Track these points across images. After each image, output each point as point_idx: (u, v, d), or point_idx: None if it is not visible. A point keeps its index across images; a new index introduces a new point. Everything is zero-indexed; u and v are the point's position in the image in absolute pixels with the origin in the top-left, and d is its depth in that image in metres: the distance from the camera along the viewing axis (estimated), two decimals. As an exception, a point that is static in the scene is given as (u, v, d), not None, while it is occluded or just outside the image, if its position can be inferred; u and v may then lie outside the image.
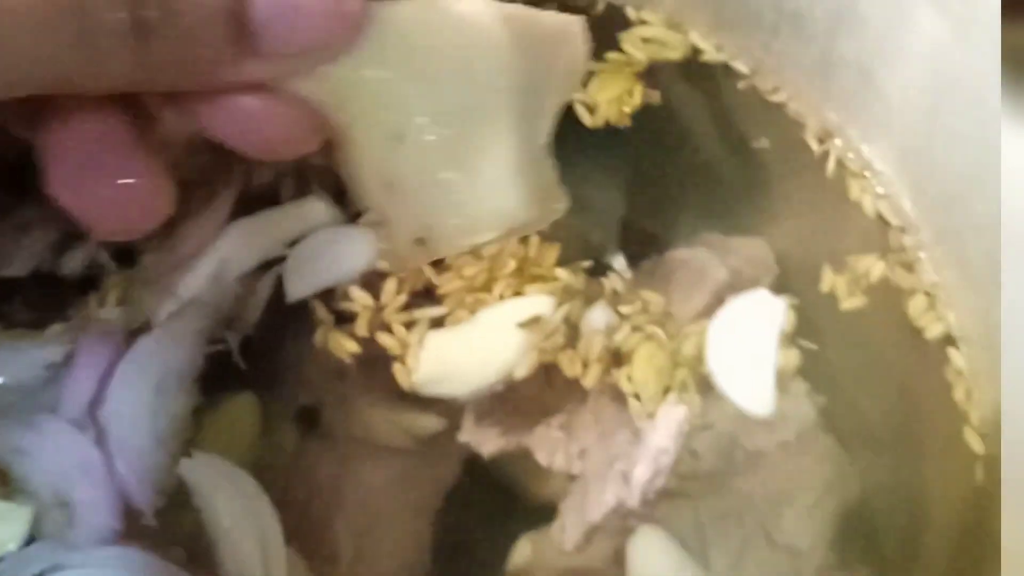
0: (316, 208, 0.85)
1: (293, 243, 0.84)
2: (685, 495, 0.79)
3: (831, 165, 0.95)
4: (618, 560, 0.78)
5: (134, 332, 0.78)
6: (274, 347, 0.82)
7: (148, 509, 0.73)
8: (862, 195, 0.94)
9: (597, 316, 0.82)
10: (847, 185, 0.94)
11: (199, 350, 0.78)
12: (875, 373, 0.89)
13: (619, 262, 0.85)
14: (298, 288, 0.82)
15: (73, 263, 0.82)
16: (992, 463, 0.82)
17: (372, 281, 0.82)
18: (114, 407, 0.74)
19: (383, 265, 0.81)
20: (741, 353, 0.83)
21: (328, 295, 0.82)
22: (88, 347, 0.77)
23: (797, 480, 0.82)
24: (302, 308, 0.82)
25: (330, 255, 0.83)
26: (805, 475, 0.82)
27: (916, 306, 0.89)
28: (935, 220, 0.90)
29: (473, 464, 0.81)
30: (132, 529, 0.71)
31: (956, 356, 0.87)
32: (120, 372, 0.75)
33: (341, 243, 0.84)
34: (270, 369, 0.82)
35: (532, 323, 0.78)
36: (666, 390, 0.80)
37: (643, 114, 0.95)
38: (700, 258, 0.89)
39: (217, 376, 0.78)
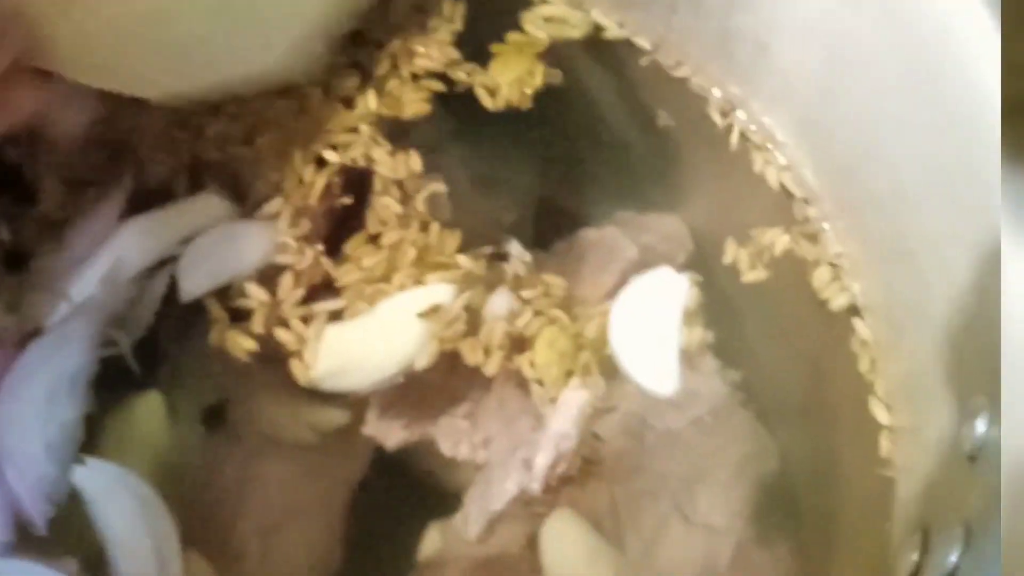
0: (211, 203, 0.83)
1: (188, 240, 0.81)
2: (596, 477, 0.79)
3: (735, 138, 0.94)
4: (531, 546, 0.76)
5: (24, 338, 0.76)
6: (172, 347, 0.80)
7: (40, 520, 0.71)
8: (766, 167, 0.93)
9: (499, 302, 0.80)
10: (751, 158, 0.94)
11: (91, 354, 0.76)
12: (786, 346, 0.89)
13: (516, 248, 0.84)
14: (193, 286, 0.80)
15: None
16: (897, 432, 0.82)
17: (269, 276, 0.80)
18: (3, 417, 0.72)
19: (281, 259, 0.80)
20: (644, 332, 0.82)
21: (223, 292, 0.80)
22: None
23: (712, 457, 0.81)
24: (199, 306, 0.80)
25: (225, 251, 0.81)
26: (720, 452, 0.81)
27: (820, 277, 0.89)
28: (836, 191, 0.90)
29: (381, 457, 0.80)
30: (24, 541, 0.70)
31: (861, 327, 0.87)
32: (9, 381, 0.73)
33: (237, 239, 0.82)
34: (170, 369, 0.80)
35: (432, 312, 0.77)
36: (569, 374, 0.79)
37: (546, 95, 0.93)
38: (610, 237, 0.88)
39: (115, 379, 0.76)
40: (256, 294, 0.79)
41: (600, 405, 0.79)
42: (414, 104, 0.90)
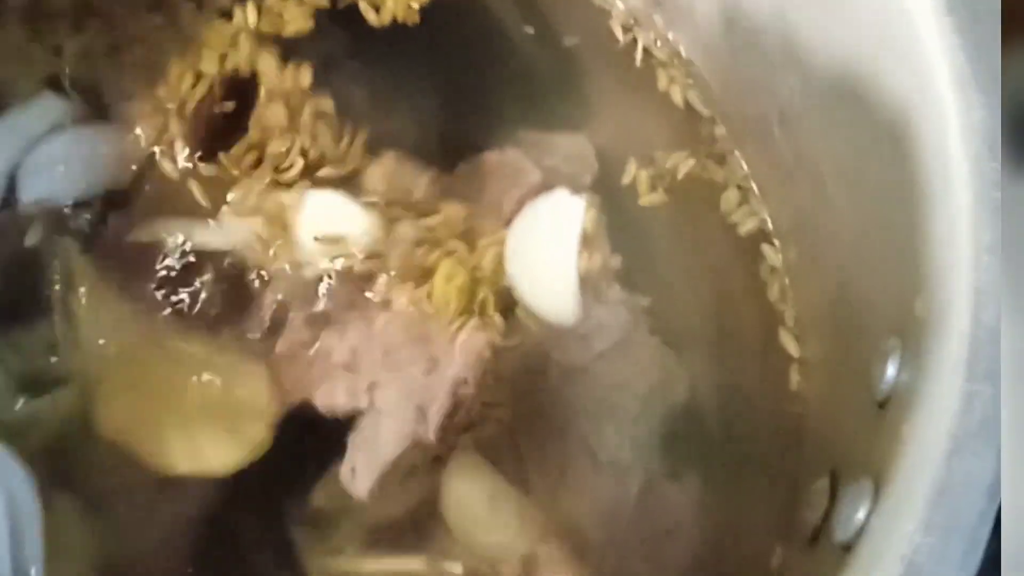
0: (51, 105, 0.78)
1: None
2: (497, 419, 0.74)
3: (639, 55, 0.89)
4: (432, 498, 0.72)
5: None
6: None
7: None
8: (671, 85, 0.88)
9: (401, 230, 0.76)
10: (656, 76, 0.89)
11: None
12: (694, 272, 0.84)
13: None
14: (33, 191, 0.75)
15: None
16: (807, 366, 0.79)
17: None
18: None
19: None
20: (541, 260, 0.77)
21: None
22: None
23: (619, 390, 0.77)
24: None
25: (75, 156, 0.77)
26: (627, 384, 0.78)
27: (728, 200, 0.85)
28: (743, 109, 0.85)
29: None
30: None
31: (770, 252, 0.84)
32: None
33: (91, 144, 0.77)
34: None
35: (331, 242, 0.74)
36: (467, 310, 0.74)
37: (436, 9, 0.87)
38: (513, 159, 0.83)
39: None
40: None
41: (499, 344, 0.73)
42: (297, 21, 0.84)
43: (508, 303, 0.76)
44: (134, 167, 0.77)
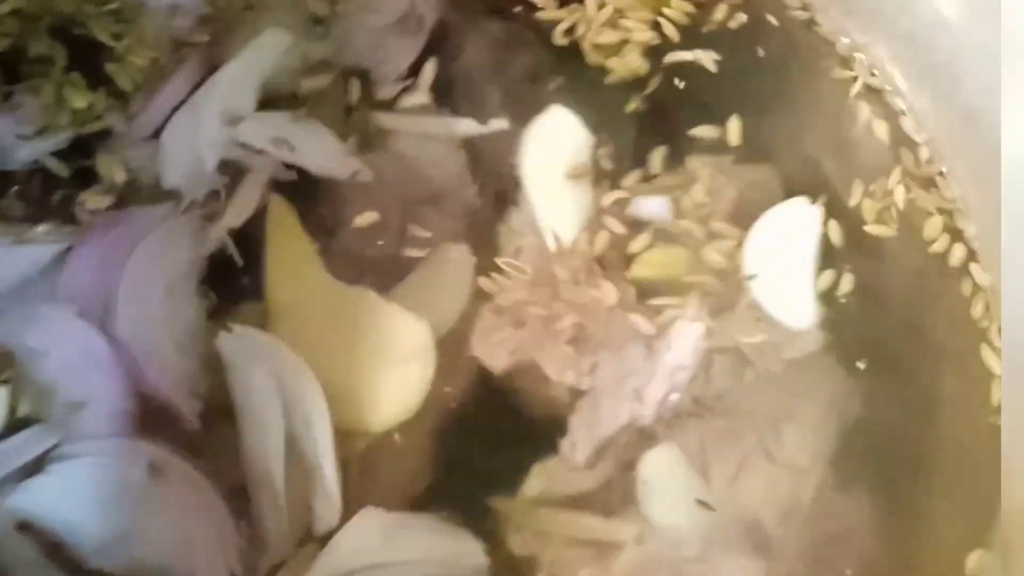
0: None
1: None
2: (695, 415, 0.78)
3: (856, 85, 0.91)
4: (626, 477, 0.76)
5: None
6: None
7: (191, 415, 0.73)
8: (880, 112, 0.91)
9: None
10: (865, 102, 0.91)
11: (199, 251, 0.78)
12: (889, 290, 0.86)
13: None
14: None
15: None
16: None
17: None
18: (128, 318, 0.74)
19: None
20: (779, 265, 0.81)
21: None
22: (88, 239, 0.77)
23: (801, 398, 0.80)
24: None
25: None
26: (809, 393, 0.80)
27: (934, 224, 0.86)
28: (955, 136, 0.87)
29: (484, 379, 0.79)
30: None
31: (976, 271, 0.85)
32: (125, 283, 0.75)
33: None
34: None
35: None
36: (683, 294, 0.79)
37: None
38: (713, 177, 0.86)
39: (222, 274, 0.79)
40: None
41: (712, 343, 0.78)
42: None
43: (723, 303, 0.80)
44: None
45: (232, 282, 0.79)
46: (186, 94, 0.84)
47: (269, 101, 0.84)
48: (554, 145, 0.85)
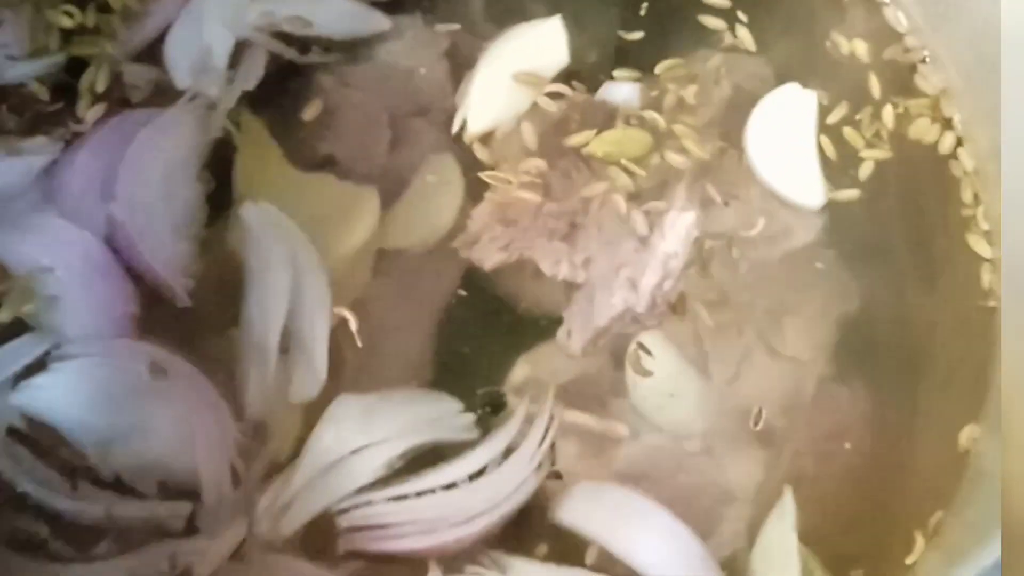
0: None
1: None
2: (692, 311, 0.78)
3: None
4: (617, 366, 0.76)
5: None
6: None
7: (181, 292, 0.74)
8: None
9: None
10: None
11: (200, 137, 0.78)
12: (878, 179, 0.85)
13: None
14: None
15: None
16: (998, 265, 0.80)
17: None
18: (126, 198, 0.74)
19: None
20: (782, 146, 0.82)
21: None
22: (86, 140, 0.77)
23: (799, 293, 0.80)
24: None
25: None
26: (807, 288, 0.80)
27: (919, 106, 0.86)
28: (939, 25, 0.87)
29: (474, 276, 0.79)
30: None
31: (963, 156, 0.85)
32: (125, 166, 0.75)
33: None
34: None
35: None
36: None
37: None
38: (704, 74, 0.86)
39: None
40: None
41: (703, 230, 0.78)
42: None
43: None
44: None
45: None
46: (175, 11, 0.83)
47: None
48: (537, 52, 0.85)
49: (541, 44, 0.85)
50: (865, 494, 0.76)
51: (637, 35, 0.88)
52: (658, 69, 0.86)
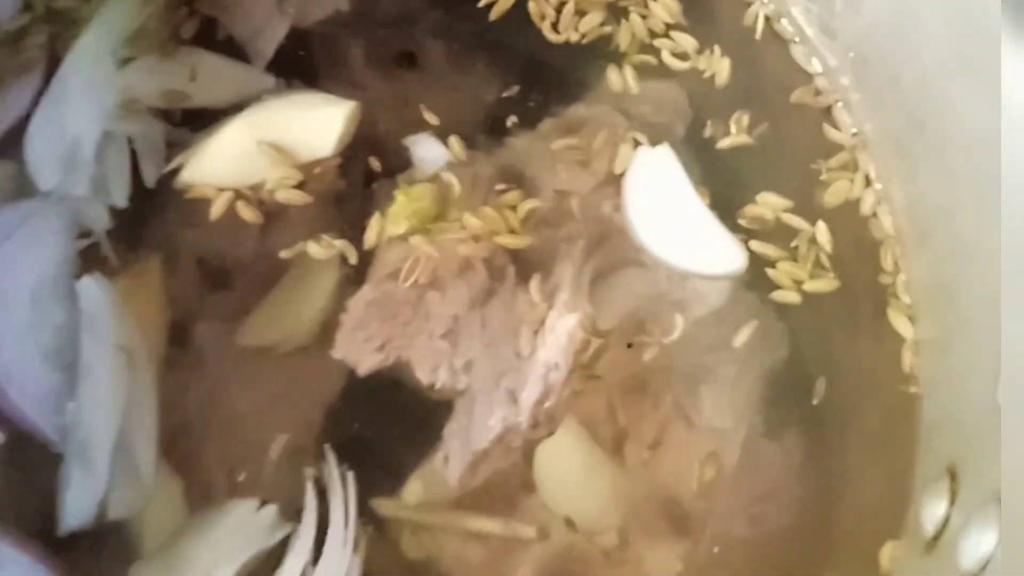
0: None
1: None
2: (594, 384, 0.71)
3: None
4: (526, 460, 0.69)
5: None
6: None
7: (53, 434, 0.65)
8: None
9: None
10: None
11: (68, 248, 0.69)
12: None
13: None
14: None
15: None
16: (921, 349, 0.73)
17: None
18: None
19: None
20: (669, 216, 0.75)
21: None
22: None
23: (717, 353, 0.74)
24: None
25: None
26: (726, 345, 0.74)
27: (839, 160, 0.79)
28: (858, 74, 0.80)
29: (354, 382, 0.71)
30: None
31: (884, 217, 0.78)
32: None
33: None
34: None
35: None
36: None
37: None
38: (602, 116, 0.79)
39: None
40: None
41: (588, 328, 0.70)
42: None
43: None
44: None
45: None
46: (30, 101, 0.74)
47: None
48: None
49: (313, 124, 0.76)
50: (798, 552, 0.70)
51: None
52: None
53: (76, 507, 0.64)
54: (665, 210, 0.75)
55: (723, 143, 0.80)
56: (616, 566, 0.69)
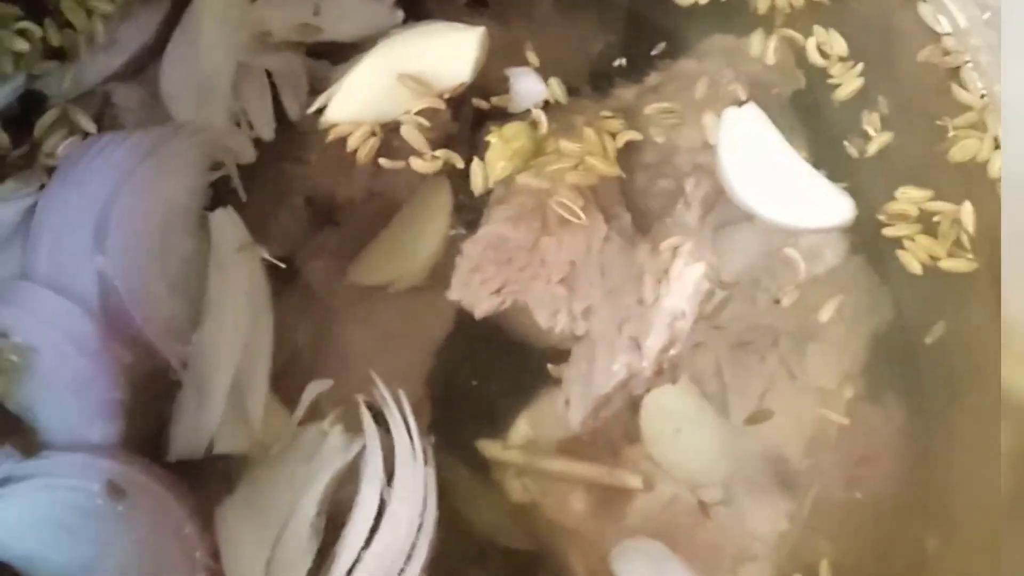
0: None
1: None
2: (703, 338, 0.70)
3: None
4: (632, 409, 0.68)
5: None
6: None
7: (176, 363, 0.64)
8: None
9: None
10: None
11: (200, 180, 0.68)
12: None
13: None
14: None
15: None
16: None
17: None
18: (117, 251, 0.63)
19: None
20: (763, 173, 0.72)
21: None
22: (55, 198, 0.65)
23: (825, 312, 0.71)
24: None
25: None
26: (833, 307, 0.71)
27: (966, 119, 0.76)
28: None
29: (467, 323, 0.70)
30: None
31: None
32: (118, 211, 0.63)
33: None
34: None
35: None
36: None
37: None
38: (711, 71, 0.77)
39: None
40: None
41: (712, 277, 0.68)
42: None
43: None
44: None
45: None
46: (157, 27, 0.73)
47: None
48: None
49: (447, 52, 0.74)
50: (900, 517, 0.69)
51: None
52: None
53: (187, 437, 0.64)
54: (764, 168, 0.72)
55: (838, 94, 0.77)
56: (720, 520, 0.67)
